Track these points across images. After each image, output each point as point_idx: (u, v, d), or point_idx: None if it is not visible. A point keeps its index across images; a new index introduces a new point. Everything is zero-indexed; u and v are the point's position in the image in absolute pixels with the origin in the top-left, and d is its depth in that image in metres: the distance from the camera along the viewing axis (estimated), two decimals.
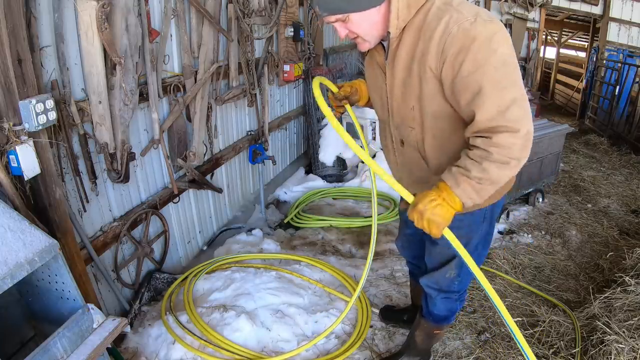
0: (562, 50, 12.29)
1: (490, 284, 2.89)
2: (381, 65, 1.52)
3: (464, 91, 1.28)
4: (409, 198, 1.43)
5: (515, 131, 1.24)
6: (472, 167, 1.29)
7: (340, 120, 4.97)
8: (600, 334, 2.17)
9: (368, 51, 1.55)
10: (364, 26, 1.39)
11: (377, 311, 2.54)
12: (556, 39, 12.04)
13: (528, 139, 1.27)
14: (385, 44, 1.48)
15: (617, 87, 6.97)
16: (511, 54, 1.28)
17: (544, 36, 11.10)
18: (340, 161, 4.95)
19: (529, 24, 7.94)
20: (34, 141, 1.61)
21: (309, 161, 5.24)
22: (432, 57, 1.31)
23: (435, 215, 1.34)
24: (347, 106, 1.83)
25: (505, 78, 1.25)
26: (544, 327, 2.39)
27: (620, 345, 2.03)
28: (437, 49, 1.29)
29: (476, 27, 1.24)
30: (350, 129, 4.63)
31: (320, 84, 1.67)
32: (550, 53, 12.72)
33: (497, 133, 1.25)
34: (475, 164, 1.29)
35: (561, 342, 2.28)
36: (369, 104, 1.89)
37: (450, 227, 1.69)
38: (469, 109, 1.30)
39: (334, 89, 1.82)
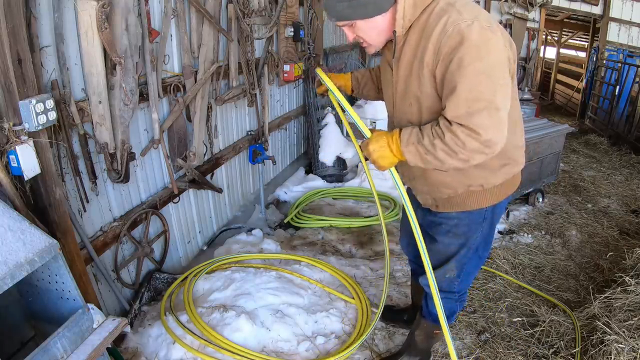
0: (562, 50, 12.30)
1: (491, 283, 2.91)
2: (389, 62, 1.60)
3: (446, 87, 1.35)
4: (368, 133, 1.56)
5: (475, 133, 1.29)
6: (427, 137, 1.38)
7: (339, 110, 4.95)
8: (600, 334, 2.17)
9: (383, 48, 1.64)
10: (368, 32, 1.50)
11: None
12: (556, 39, 12.04)
13: (487, 146, 1.31)
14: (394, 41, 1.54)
15: (617, 87, 6.96)
16: (499, 63, 1.31)
17: (544, 36, 11.10)
18: (340, 161, 4.94)
19: (529, 24, 7.95)
20: (34, 141, 1.61)
21: (309, 161, 5.24)
22: (429, 55, 1.37)
23: (380, 158, 1.49)
24: (350, 108, 1.81)
25: (485, 86, 1.28)
26: (544, 327, 2.39)
27: (620, 345, 2.03)
28: (434, 47, 1.35)
29: (471, 29, 1.28)
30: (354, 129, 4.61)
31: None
32: (550, 53, 12.73)
33: (458, 125, 1.31)
34: (430, 136, 1.38)
35: (561, 342, 2.28)
36: (366, 95, 2.03)
37: (449, 226, 1.72)
38: (445, 103, 1.36)
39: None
